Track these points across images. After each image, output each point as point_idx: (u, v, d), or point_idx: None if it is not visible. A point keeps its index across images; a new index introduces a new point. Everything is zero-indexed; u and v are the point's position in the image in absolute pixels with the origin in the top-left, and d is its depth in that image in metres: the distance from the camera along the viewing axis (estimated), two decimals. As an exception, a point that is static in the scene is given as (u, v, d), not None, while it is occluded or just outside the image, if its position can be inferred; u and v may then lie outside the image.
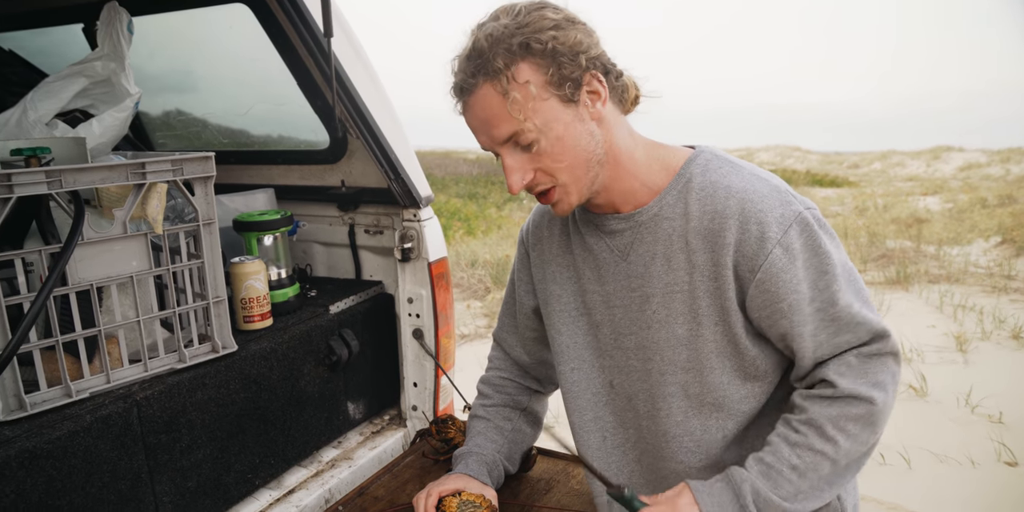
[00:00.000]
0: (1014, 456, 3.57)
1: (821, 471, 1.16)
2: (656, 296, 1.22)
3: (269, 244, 1.97)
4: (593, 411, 1.37)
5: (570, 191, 1.16)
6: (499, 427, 1.61)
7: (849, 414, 1.14)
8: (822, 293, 1.14)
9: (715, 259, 1.16)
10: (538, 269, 1.44)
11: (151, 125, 2.73)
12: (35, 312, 1.29)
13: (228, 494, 1.71)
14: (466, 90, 1.12)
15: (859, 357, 1.16)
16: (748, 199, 1.14)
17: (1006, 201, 11.14)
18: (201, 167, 1.58)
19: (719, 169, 1.20)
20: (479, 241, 9.96)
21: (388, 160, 2.02)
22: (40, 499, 1.31)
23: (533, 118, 1.10)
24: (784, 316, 1.14)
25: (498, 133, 1.12)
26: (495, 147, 1.14)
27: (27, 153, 1.43)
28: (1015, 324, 5.31)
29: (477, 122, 1.14)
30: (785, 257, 1.12)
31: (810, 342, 1.15)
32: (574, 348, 1.37)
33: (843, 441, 1.14)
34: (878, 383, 1.15)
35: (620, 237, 1.26)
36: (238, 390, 1.70)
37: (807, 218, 1.14)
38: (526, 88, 1.08)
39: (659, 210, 1.21)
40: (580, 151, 1.14)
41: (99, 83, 1.85)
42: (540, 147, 1.12)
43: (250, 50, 2.23)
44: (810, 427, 1.15)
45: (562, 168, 1.14)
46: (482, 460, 1.56)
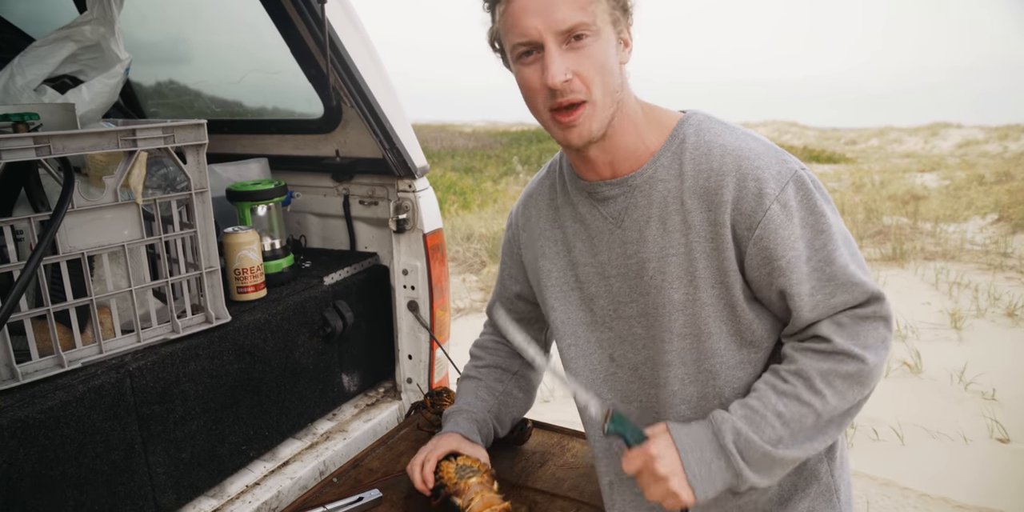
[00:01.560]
0: (1006, 433, 3.60)
1: (805, 422, 1.14)
2: (652, 261, 1.20)
3: (263, 214, 1.95)
4: (593, 387, 1.35)
5: (596, 111, 1.12)
6: (490, 387, 1.60)
7: (839, 370, 1.13)
8: (819, 252, 1.13)
9: (712, 218, 1.15)
10: (528, 249, 1.42)
11: (143, 94, 2.68)
12: (25, 280, 1.27)
13: (222, 465, 1.70)
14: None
15: (853, 318, 1.15)
16: (744, 156, 1.13)
17: (1003, 178, 11.13)
18: (193, 135, 1.55)
19: (712, 129, 1.19)
20: (475, 215, 9.93)
21: (383, 129, 1.99)
22: (33, 469, 1.30)
23: (598, 17, 1.09)
24: (782, 274, 1.13)
25: (561, 18, 1.07)
26: (546, 36, 1.08)
27: (15, 119, 1.40)
28: (1010, 301, 5.33)
29: (541, 3, 1.07)
30: (783, 214, 1.11)
31: (807, 301, 1.14)
32: (569, 324, 1.35)
33: (830, 396, 1.13)
34: (869, 345, 1.14)
35: (613, 203, 1.24)
36: (232, 361, 1.69)
37: (803, 177, 1.13)
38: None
39: (653, 172, 1.19)
40: (613, 76, 1.12)
41: (88, 48, 1.81)
42: (590, 49, 1.09)
43: (243, 17, 2.18)
44: (799, 378, 1.14)
45: (599, 80, 1.11)
46: (472, 418, 1.56)
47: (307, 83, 2.13)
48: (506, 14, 1.11)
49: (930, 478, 3.26)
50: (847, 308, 1.15)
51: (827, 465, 1.29)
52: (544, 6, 1.07)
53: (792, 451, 1.14)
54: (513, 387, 1.63)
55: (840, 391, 1.14)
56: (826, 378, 1.13)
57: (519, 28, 1.09)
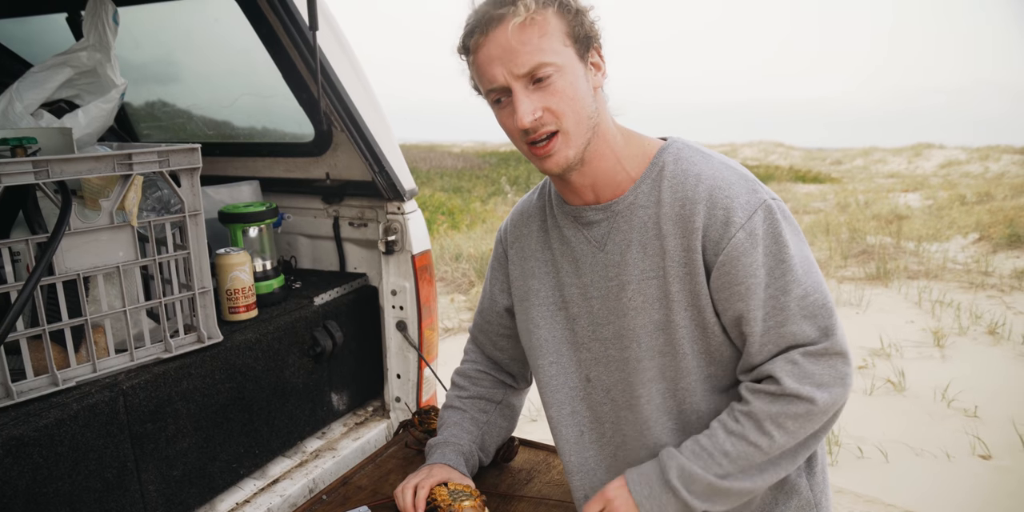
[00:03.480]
0: (988, 449, 3.64)
1: (752, 460, 1.20)
2: (632, 283, 1.25)
3: (254, 236, 1.99)
4: (571, 405, 1.39)
5: (570, 140, 1.18)
6: (474, 418, 1.63)
7: (789, 412, 1.17)
8: (777, 281, 1.17)
9: (685, 244, 1.20)
10: (516, 266, 1.46)
11: (136, 116, 2.72)
12: (23, 301, 1.30)
13: (213, 483, 1.72)
14: (495, 19, 1.14)
15: (806, 356, 1.18)
16: (716, 186, 1.19)
17: (984, 198, 11.29)
18: (187, 159, 1.59)
19: (690, 158, 1.24)
20: (463, 235, 9.97)
21: (372, 153, 2.04)
22: (27, 486, 1.32)
23: (555, 56, 1.14)
24: (740, 298, 1.18)
25: (520, 63, 1.13)
26: (510, 81, 1.15)
27: (13, 143, 1.44)
28: (991, 320, 5.40)
29: (500, 51, 1.14)
30: (747, 241, 1.16)
31: (760, 327, 1.18)
32: (552, 342, 1.39)
33: (779, 436, 1.18)
34: (822, 384, 1.17)
35: (597, 228, 1.29)
36: (223, 380, 1.72)
37: (772, 207, 1.18)
38: (552, 28, 1.14)
39: (634, 199, 1.25)
40: (584, 104, 1.18)
41: (84, 74, 1.85)
42: (555, 86, 1.15)
43: (235, 42, 2.23)
44: (749, 419, 1.19)
45: (569, 112, 1.16)
46: (459, 450, 1.58)
47: (298, 107, 2.18)
48: (474, 64, 1.19)
49: (914, 495, 3.30)
50: (799, 344, 1.18)
51: (807, 480, 1.32)
52: (503, 53, 1.14)
53: (741, 483, 1.21)
54: (497, 416, 1.66)
55: (790, 431, 1.19)
56: (775, 420, 1.18)
57: (487, 76, 1.17)
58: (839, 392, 1.19)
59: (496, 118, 1.23)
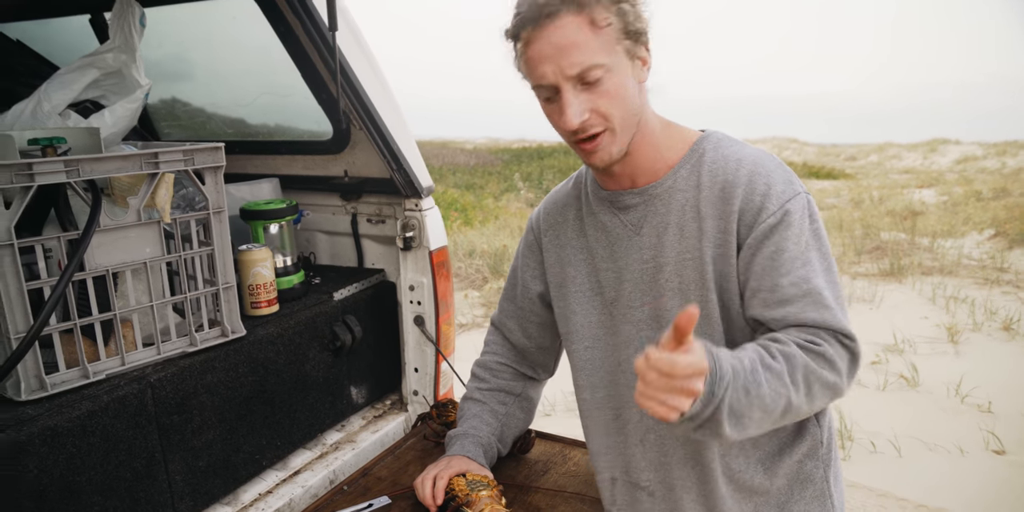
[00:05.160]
0: (1002, 445, 3.65)
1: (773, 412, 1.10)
2: (669, 265, 1.27)
3: (275, 232, 2.02)
4: (605, 389, 1.42)
5: (616, 138, 1.20)
6: (494, 411, 1.67)
7: (822, 377, 1.13)
8: (800, 269, 1.18)
9: (722, 226, 1.22)
10: (552, 254, 1.49)
11: (156, 115, 2.77)
12: (57, 297, 1.35)
13: (237, 474, 1.77)
14: (550, 15, 1.12)
15: (833, 339, 1.17)
16: (756, 172, 1.21)
17: (1000, 194, 11.21)
18: (211, 157, 1.63)
19: (730, 146, 1.27)
20: (476, 231, 10.00)
21: (391, 151, 2.07)
22: (62, 475, 1.36)
23: (608, 56, 1.14)
24: (756, 277, 1.19)
25: (571, 63, 1.13)
26: (560, 80, 1.15)
27: (44, 143, 1.48)
28: (1006, 316, 5.39)
29: (552, 50, 1.13)
30: (777, 227, 1.18)
31: (778, 312, 1.18)
32: (588, 327, 1.42)
33: (803, 394, 1.12)
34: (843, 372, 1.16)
35: (633, 211, 1.31)
36: (246, 373, 1.76)
37: (804, 200, 1.21)
38: (609, 27, 1.13)
39: (673, 183, 1.27)
40: (631, 101, 1.19)
41: (110, 74, 1.90)
42: (604, 86, 1.15)
43: (255, 42, 2.27)
44: (788, 362, 1.11)
45: (617, 113, 1.18)
46: (478, 442, 1.62)
47: (316, 106, 2.22)
48: (524, 57, 1.18)
49: (927, 489, 3.31)
50: (821, 327, 1.17)
51: (823, 471, 1.34)
52: (555, 53, 1.13)
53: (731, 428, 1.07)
54: (515, 408, 1.69)
55: (813, 393, 1.13)
56: (808, 375, 1.12)
57: (536, 73, 1.17)
58: (849, 386, 1.18)
59: (543, 110, 1.24)
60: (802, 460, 1.32)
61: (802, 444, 1.32)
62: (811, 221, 1.21)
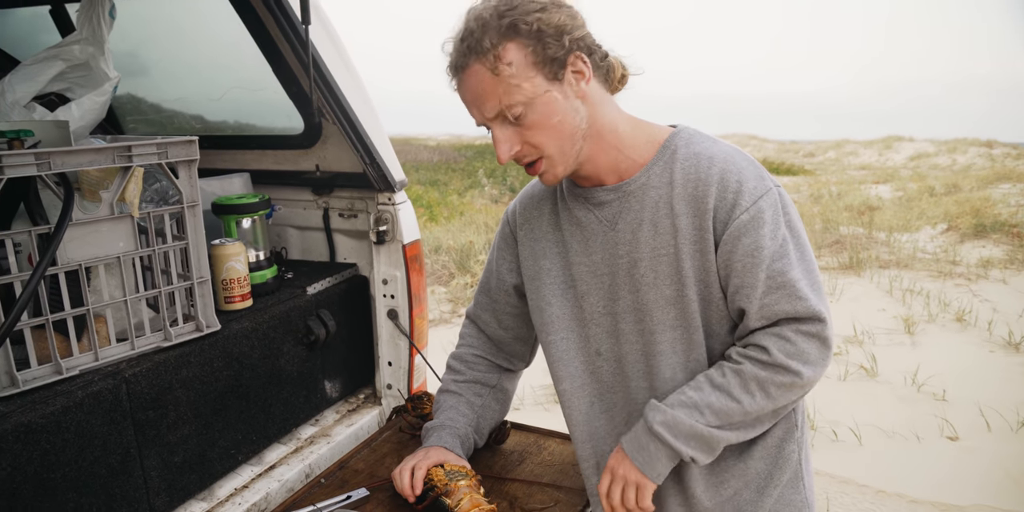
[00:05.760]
0: (955, 431, 3.77)
1: (732, 416, 1.26)
2: (644, 260, 1.31)
3: (247, 227, 2.01)
4: (581, 378, 1.45)
5: (555, 162, 1.26)
6: (470, 402, 1.69)
7: (775, 380, 1.24)
8: (776, 262, 1.23)
9: (698, 224, 1.26)
10: (526, 247, 1.51)
11: (122, 109, 2.73)
12: (29, 292, 1.33)
13: (212, 469, 1.76)
14: (459, 68, 1.22)
15: (796, 333, 1.24)
16: (728, 170, 1.25)
17: (952, 190, 11.52)
18: (185, 151, 1.62)
19: (701, 142, 1.31)
20: (442, 228, 9.98)
21: (364, 145, 2.07)
22: (36, 472, 1.35)
23: (519, 94, 1.19)
24: (738, 275, 1.25)
25: (488, 107, 1.21)
26: (486, 121, 1.24)
27: (10, 135, 1.45)
28: (958, 307, 5.55)
29: (470, 97, 1.23)
30: (751, 223, 1.22)
31: (757, 304, 1.25)
32: (563, 319, 1.45)
33: (760, 398, 1.25)
34: (809, 361, 1.24)
35: (608, 207, 1.34)
36: (221, 368, 1.75)
37: (776, 194, 1.26)
38: (513, 66, 1.18)
39: (647, 180, 1.30)
40: (565, 125, 1.23)
41: (76, 67, 1.86)
42: (527, 121, 1.21)
43: (224, 36, 2.25)
44: (737, 376, 1.26)
45: (547, 141, 1.23)
46: (455, 433, 1.64)
47: (287, 100, 2.20)
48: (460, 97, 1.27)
49: (886, 476, 3.41)
50: (791, 319, 1.25)
51: (798, 454, 1.39)
52: (473, 98, 1.23)
53: (724, 433, 1.28)
54: (491, 400, 1.71)
55: (772, 396, 1.26)
56: (761, 383, 1.25)
57: (469, 113, 1.26)
58: (820, 371, 1.26)
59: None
60: (779, 443, 1.37)
61: (778, 427, 1.37)
62: (784, 214, 1.26)
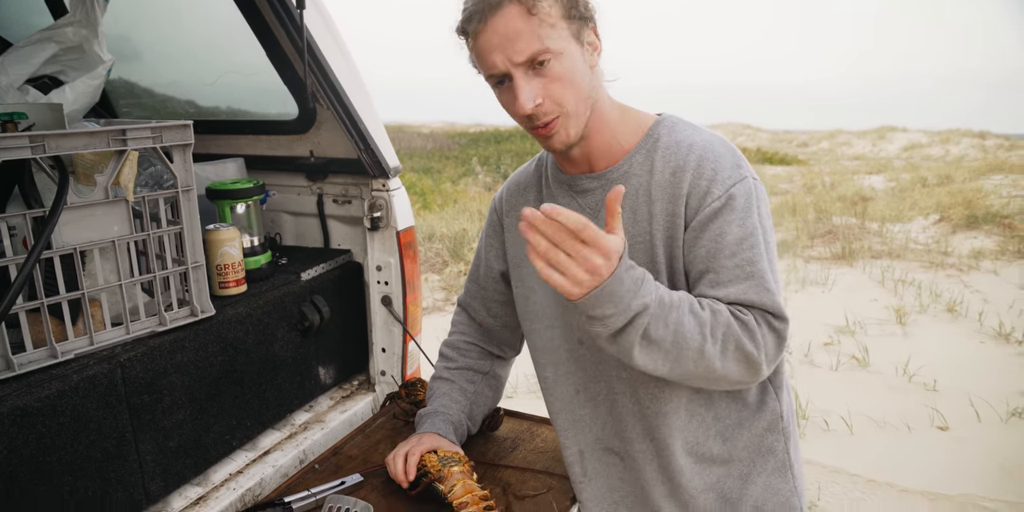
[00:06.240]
0: (946, 421, 3.81)
1: (685, 350, 1.13)
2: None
3: (242, 212, 2.01)
4: (564, 366, 1.45)
5: (570, 123, 1.23)
6: (463, 389, 1.69)
7: (741, 342, 1.15)
8: (744, 252, 1.20)
9: (671, 209, 1.25)
10: (512, 235, 1.51)
11: (115, 93, 2.71)
12: (24, 276, 1.32)
13: (207, 454, 1.76)
14: (492, 7, 1.16)
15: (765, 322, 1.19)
16: (705, 156, 1.24)
17: (944, 181, 11.56)
18: (180, 135, 1.61)
19: (683, 130, 1.30)
20: (435, 215, 9.98)
21: (358, 131, 2.06)
22: (32, 455, 1.35)
23: (551, 40, 1.16)
24: (702, 261, 1.22)
25: (519, 50, 1.16)
26: (510, 68, 1.18)
27: (4, 118, 1.44)
28: (949, 298, 5.59)
29: (499, 39, 1.16)
30: (722, 210, 1.21)
31: (723, 292, 1.20)
32: (546, 306, 1.45)
33: (718, 347, 1.14)
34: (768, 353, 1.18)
35: (591, 195, 1.34)
36: (216, 353, 1.75)
37: (750, 185, 1.23)
38: (550, 13, 1.16)
39: (629, 168, 1.30)
40: (583, 85, 1.21)
41: (70, 49, 1.86)
42: (554, 71, 1.18)
43: (218, 20, 2.23)
44: (713, 316, 1.15)
45: (569, 97, 1.20)
46: (448, 419, 1.64)
47: (281, 85, 2.19)
48: (475, 49, 1.21)
49: (877, 465, 3.44)
50: (759, 309, 1.19)
51: (783, 443, 1.39)
52: (503, 41, 1.16)
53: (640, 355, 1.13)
54: (484, 387, 1.71)
55: (727, 354, 1.15)
56: (727, 334, 1.15)
57: (487, 62, 1.20)
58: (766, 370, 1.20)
59: (497, 98, 1.26)
60: (763, 433, 1.37)
61: (762, 417, 1.36)
62: (757, 205, 1.23)
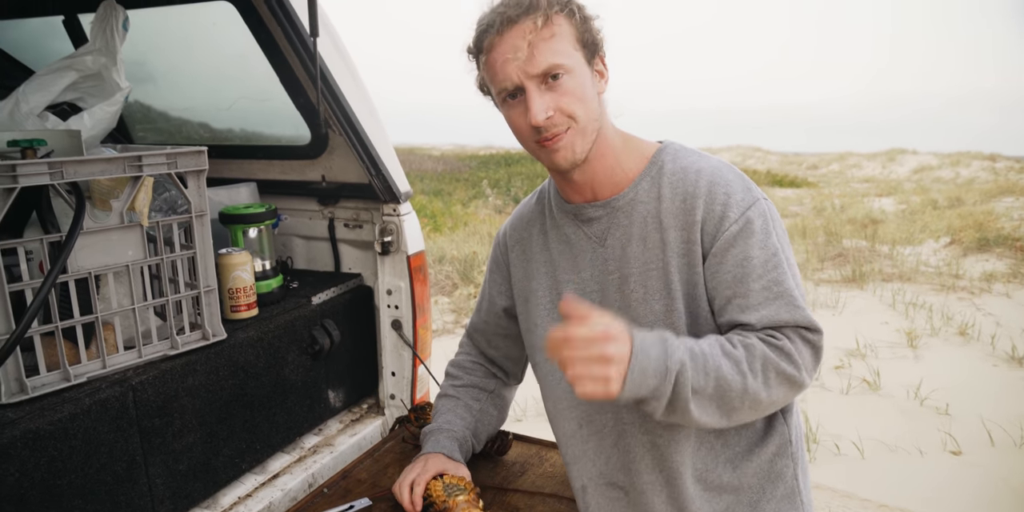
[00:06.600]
0: (958, 446, 3.76)
1: (729, 392, 1.14)
2: (633, 276, 1.31)
3: (254, 236, 2.03)
4: (567, 400, 1.44)
5: (577, 138, 1.25)
6: (468, 406, 1.68)
7: (780, 367, 1.17)
8: (770, 273, 1.22)
9: (686, 237, 1.26)
10: (518, 269, 1.52)
11: (131, 118, 2.75)
12: (40, 300, 1.34)
13: (217, 477, 1.77)
14: (512, 19, 1.19)
15: (799, 337, 1.21)
16: (715, 182, 1.26)
17: (955, 203, 11.53)
18: (194, 161, 1.64)
19: (688, 157, 1.32)
20: (446, 238, 10.01)
21: (370, 157, 2.09)
22: (43, 478, 1.36)
23: (566, 56, 1.20)
24: (728, 286, 1.23)
25: (535, 63, 1.19)
26: (524, 80, 1.20)
27: (24, 145, 1.47)
28: (961, 321, 5.55)
29: (515, 52, 1.19)
30: (740, 234, 1.22)
31: (755, 315, 1.21)
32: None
33: (761, 383, 1.16)
34: (806, 366, 1.20)
35: (597, 224, 1.35)
36: (227, 377, 1.76)
37: (764, 207, 1.26)
38: (566, 34, 1.21)
39: (635, 195, 1.31)
40: (593, 105, 1.25)
41: (89, 77, 1.89)
42: (567, 86, 1.21)
43: (233, 47, 2.28)
44: (747, 351, 1.17)
45: (579, 111, 1.23)
46: (453, 436, 1.63)
47: (294, 110, 2.23)
48: (487, 63, 1.24)
49: (889, 490, 3.40)
50: (793, 326, 1.21)
51: (792, 468, 1.38)
52: (518, 53, 1.19)
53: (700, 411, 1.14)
54: (489, 405, 1.71)
55: (770, 383, 1.17)
56: (766, 367, 1.16)
57: (500, 75, 1.22)
58: (808, 381, 1.21)
59: (505, 116, 1.28)
60: (772, 459, 1.36)
61: (771, 442, 1.35)
62: (773, 225, 1.25)
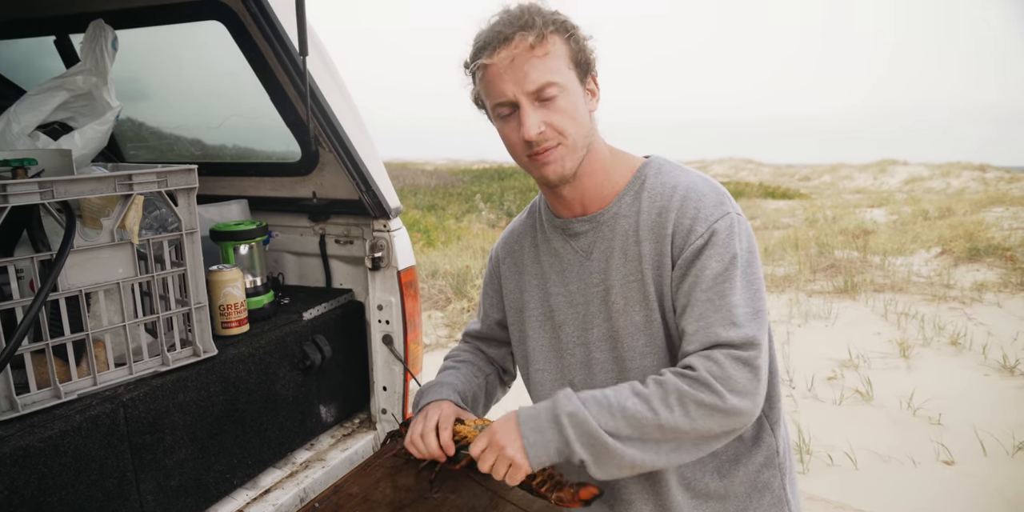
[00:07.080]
0: (951, 455, 3.77)
1: (646, 427, 1.18)
2: (615, 287, 1.34)
3: (245, 253, 2.04)
4: None
5: (567, 154, 1.28)
6: (466, 374, 1.61)
7: (697, 398, 1.18)
8: (718, 285, 1.24)
9: (658, 249, 1.30)
10: (510, 281, 1.54)
11: (122, 137, 2.77)
12: (31, 318, 1.35)
13: (208, 493, 1.77)
14: (504, 39, 1.22)
15: (727, 357, 1.21)
16: (688, 197, 1.29)
17: (946, 213, 11.60)
18: (184, 179, 1.65)
19: (669, 171, 1.35)
20: (439, 252, 10.02)
21: (360, 173, 2.11)
22: (33, 495, 1.36)
23: (559, 75, 1.24)
24: (684, 295, 1.27)
25: (529, 80, 1.22)
26: (519, 96, 1.24)
27: (14, 164, 1.49)
28: (953, 331, 5.57)
29: (511, 68, 1.23)
30: (704, 247, 1.25)
31: (693, 325, 1.25)
32: (541, 351, 1.47)
33: (678, 413, 1.18)
34: (736, 390, 1.19)
35: (583, 238, 1.39)
36: (218, 393, 1.77)
37: (733, 221, 1.27)
38: (560, 53, 1.24)
39: (618, 209, 1.35)
40: (584, 123, 1.28)
41: (79, 96, 1.91)
42: (559, 104, 1.25)
43: (223, 66, 2.30)
44: (658, 386, 1.20)
45: (570, 128, 1.26)
46: (454, 388, 1.53)
47: (285, 128, 2.25)
48: (484, 79, 1.27)
49: (882, 500, 3.40)
50: (724, 345, 1.22)
51: (780, 479, 1.40)
52: (515, 71, 1.23)
53: (629, 450, 1.18)
54: (484, 382, 1.65)
55: (690, 414, 1.18)
56: (681, 397, 1.18)
57: (496, 90, 1.25)
58: (749, 402, 1.20)
59: (499, 130, 1.32)
60: (759, 469, 1.38)
61: (758, 453, 1.37)
62: (738, 239, 1.26)
